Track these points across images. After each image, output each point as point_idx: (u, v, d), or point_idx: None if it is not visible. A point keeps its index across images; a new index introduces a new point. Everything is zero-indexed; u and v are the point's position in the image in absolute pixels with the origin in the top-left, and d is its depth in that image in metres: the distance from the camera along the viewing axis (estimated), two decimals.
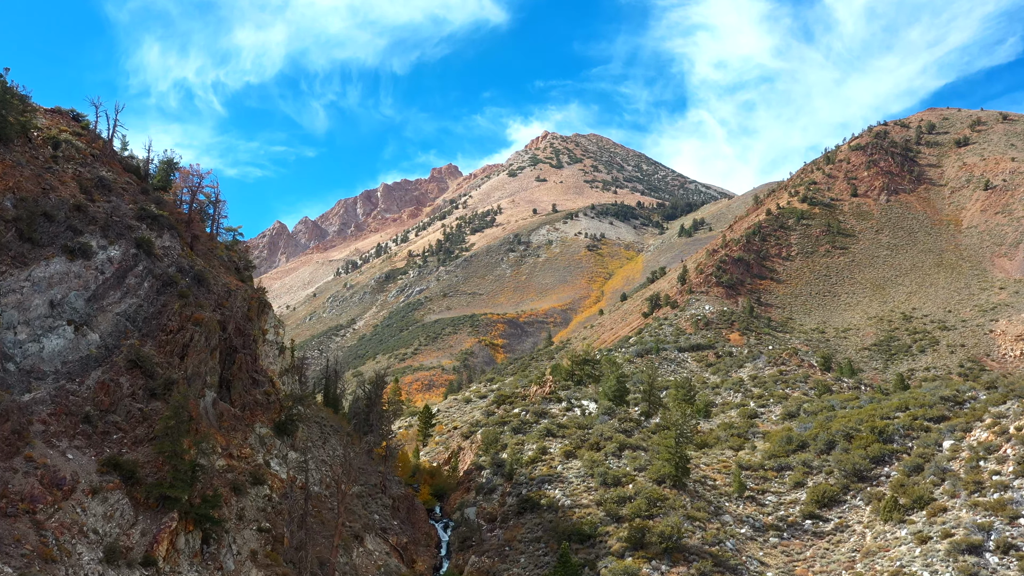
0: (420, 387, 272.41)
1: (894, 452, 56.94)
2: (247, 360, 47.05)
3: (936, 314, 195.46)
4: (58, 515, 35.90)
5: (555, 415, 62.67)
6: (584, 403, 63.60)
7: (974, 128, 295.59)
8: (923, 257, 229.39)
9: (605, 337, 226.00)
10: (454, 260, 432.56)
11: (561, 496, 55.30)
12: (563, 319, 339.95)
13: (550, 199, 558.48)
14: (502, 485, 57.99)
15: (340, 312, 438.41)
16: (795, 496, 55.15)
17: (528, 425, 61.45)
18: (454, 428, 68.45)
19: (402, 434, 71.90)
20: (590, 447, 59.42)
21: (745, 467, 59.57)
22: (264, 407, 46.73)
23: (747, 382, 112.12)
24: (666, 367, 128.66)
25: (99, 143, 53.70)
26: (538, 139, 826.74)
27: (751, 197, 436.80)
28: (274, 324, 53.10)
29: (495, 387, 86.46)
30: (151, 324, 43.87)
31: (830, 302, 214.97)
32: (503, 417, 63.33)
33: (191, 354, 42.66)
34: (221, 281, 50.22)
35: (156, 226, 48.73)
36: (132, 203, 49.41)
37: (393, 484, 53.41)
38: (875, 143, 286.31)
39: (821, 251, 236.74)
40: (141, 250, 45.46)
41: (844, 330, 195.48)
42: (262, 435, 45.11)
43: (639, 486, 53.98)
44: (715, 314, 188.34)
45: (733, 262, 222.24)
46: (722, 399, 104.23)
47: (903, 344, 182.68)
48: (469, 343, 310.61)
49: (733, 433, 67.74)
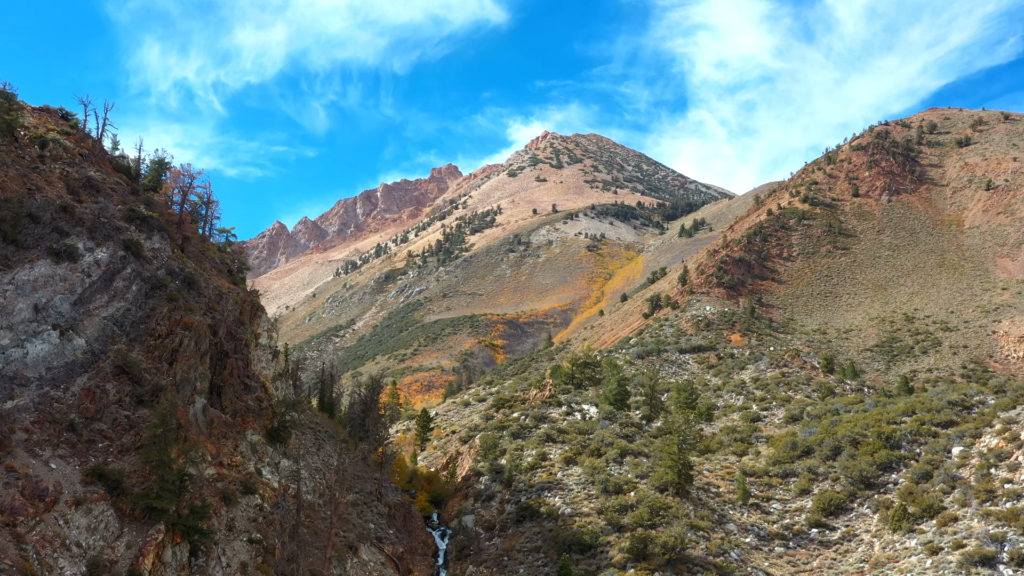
0: (420, 388, 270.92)
1: (902, 458, 55.46)
2: (239, 365, 45.75)
3: (938, 315, 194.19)
4: (40, 528, 34.57)
5: (555, 419, 60.95)
6: (585, 407, 61.88)
7: (976, 128, 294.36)
8: (925, 257, 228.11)
9: (605, 338, 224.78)
10: (454, 260, 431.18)
11: (561, 504, 53.88)
12: (563, 320, 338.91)
13: (550, 199, 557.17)
14: (501, 492, 56.55)
15: (339, 313, 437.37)
16: (801, 504, 53.73)
17: (527, 430, 59.73)
18: (452, 432, 66.98)
19: (399, 438, 70.38)
20: (591, 453, 57.95)
21: (749, 473, 58.13)
22: (256, 414, 45.41)
23: (749, 384, 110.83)
24: (667, 369, 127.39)
25: (88, 142, 52.38)
26: (538, 139, 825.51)
27: (752, 197, 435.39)
28: (267, 328, 51.71)
29: (494, 390, 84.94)
30: (139, 328, 42.53)
31: (832, 303, 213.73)
32: (502, 421, 61.71)
33: (180, 359, 41.35)
34: (212, 284, 48.89)
35: (145, 228, 47.38)
36: (121, 204, 48.06)
37: (389, 491, 52.12)
38: (876, 143, 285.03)
39: (822, 251, 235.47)
40: (129, 252, 44.12)
41: (846, 331, 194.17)
42: (254, 442, 43.77)
43: (641, 494, 52.55)
44: (716, 315, 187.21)
45: (734, 262, 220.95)
46: (724, 401, 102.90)
47: (905, 345, 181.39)
48: (469, 344, 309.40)
49: (736, 438, 66.39)
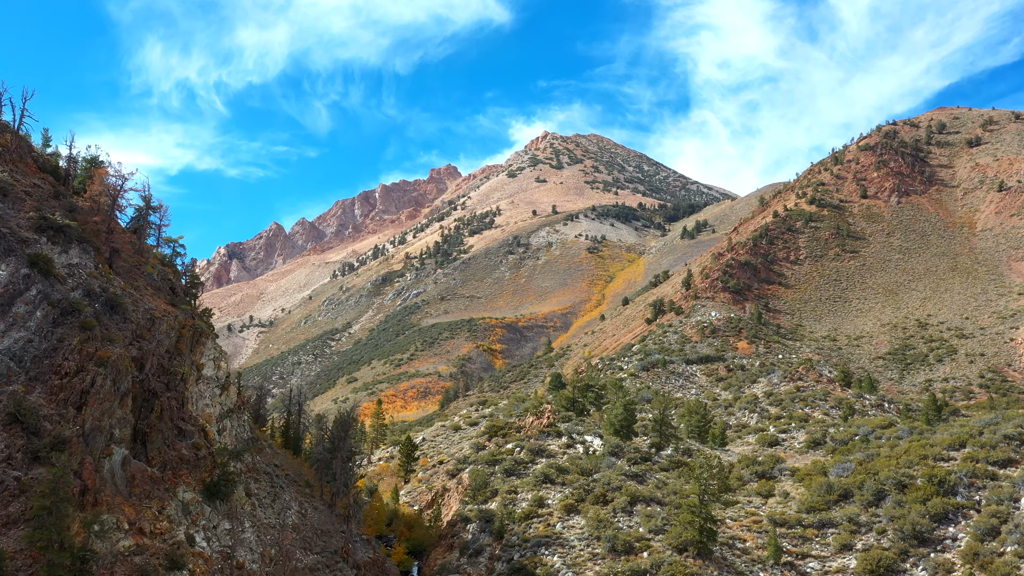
0: (416, 395, 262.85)
1: (959, 508, 47.46)
2: (171, 406, 38.11)
3: (952, 321, 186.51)
4: None
5: (554, 452, 52.71)
6: (587, 439, 53.80)
7: (986, 128, 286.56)
8: (937, 261, 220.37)
9: (607, 344, 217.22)
10: (452, 263, 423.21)
11: (560, 565, 45.45)
12: (563, 323, 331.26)
13: (550, 200, 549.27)
14: (491, 546, 48.23)
15: (336, 316, 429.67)
16: (843, 562, 45.55)
17: (522, 466, 51.47)
18: (439, 463, 59.10)
19: (382, 467, 62.78)
20: (595, 499, 49.46)
21: (779, 522, 49.92)
22: (192, 465, 37.75)
23: (762, 399, 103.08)
24: (674, 382, 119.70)
25: (6, 138, 44.64)
26: (538, 139, 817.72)
27: (755, 198, 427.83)
28: (214, 356, 43.88)
29: (488, 411, 77.01)
30: (42, 365, 34.84)
31: (841, 308, 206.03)
32: (494, 454, 53.33)
33: (92, 403, 33.74)
34: (144, 306, 41.23)
35: (61, 239, 39.73)
36: (34, 210, 40.41)
37: (359, 548, 44.30)
38: (885, 143, 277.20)
39: (831, 254, 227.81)
40: (36, 270, 36.49)
41: (856, 338, 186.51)
42: (186, 501, 36.10)
43: (656, 556, 44.22)
44: (722, 321, 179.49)
45: (740, 266, 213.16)
46: (736, 419, 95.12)
47: (919, 353, 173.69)
48: (467, 348, 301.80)
49: (757, 471, 58.43)
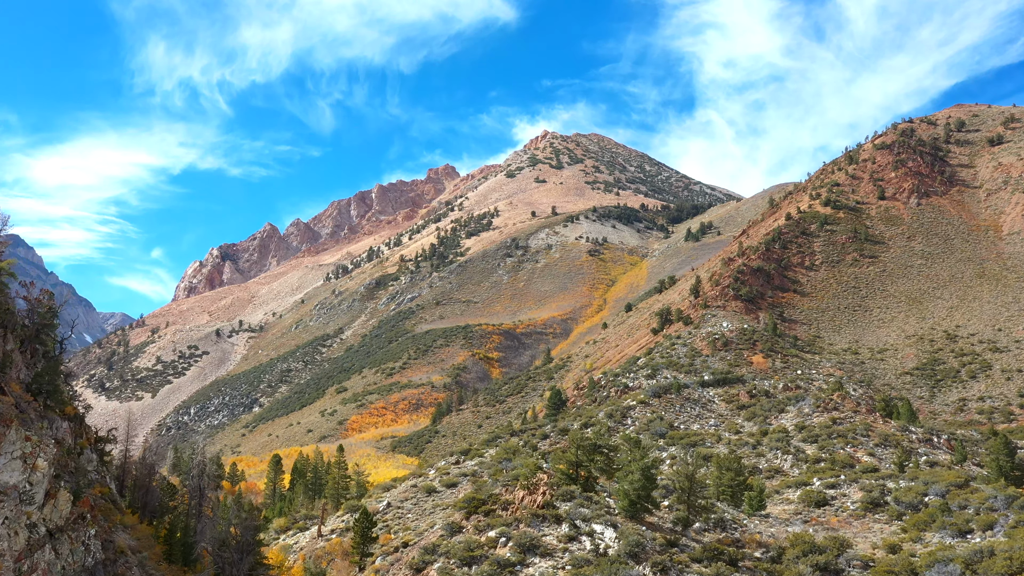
0: (407, 407, 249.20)
1: None
2: None
3: (984, 332, 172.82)
4: None
5: (551, 549, 38.47)
6: (596, 528, 40.20)
7: (1007, 125, 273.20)
8: (962, 267, 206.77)
9: (610, 355, 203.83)
10: (448, 265, 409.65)
11: None
12: (563, 329, 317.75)
13: (549, 201, 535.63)
14: None
15: (328, 320, 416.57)
16: None
17: (508, 570, 37.18)
18: (403, 545, 45.55)
19: (334, 543, 49.43)
20: None
21: None
22: None
23: (793, 434, 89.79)
24: (689, 410, 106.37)
25: None
26: (537, 139, 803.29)
27: (760, 199, 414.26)
28: (22, 452, 28.18)
29: (470, 464, 63.06)
30: None
31: (861, 318, 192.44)
32: (471, 545, 39.34)
33: None
34: None
35: None
36: None
37: None
38: (902, 141, 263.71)
39: (848, 260, 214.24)
40: None
41: (880, 351, 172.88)
42: None
43: None
44: (734, 332, 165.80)
45: (752, 272, 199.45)
46: (767, 462, 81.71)
47: (950, 368, 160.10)
48: (462, 357, 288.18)
49: (817, 563, 45.03)
